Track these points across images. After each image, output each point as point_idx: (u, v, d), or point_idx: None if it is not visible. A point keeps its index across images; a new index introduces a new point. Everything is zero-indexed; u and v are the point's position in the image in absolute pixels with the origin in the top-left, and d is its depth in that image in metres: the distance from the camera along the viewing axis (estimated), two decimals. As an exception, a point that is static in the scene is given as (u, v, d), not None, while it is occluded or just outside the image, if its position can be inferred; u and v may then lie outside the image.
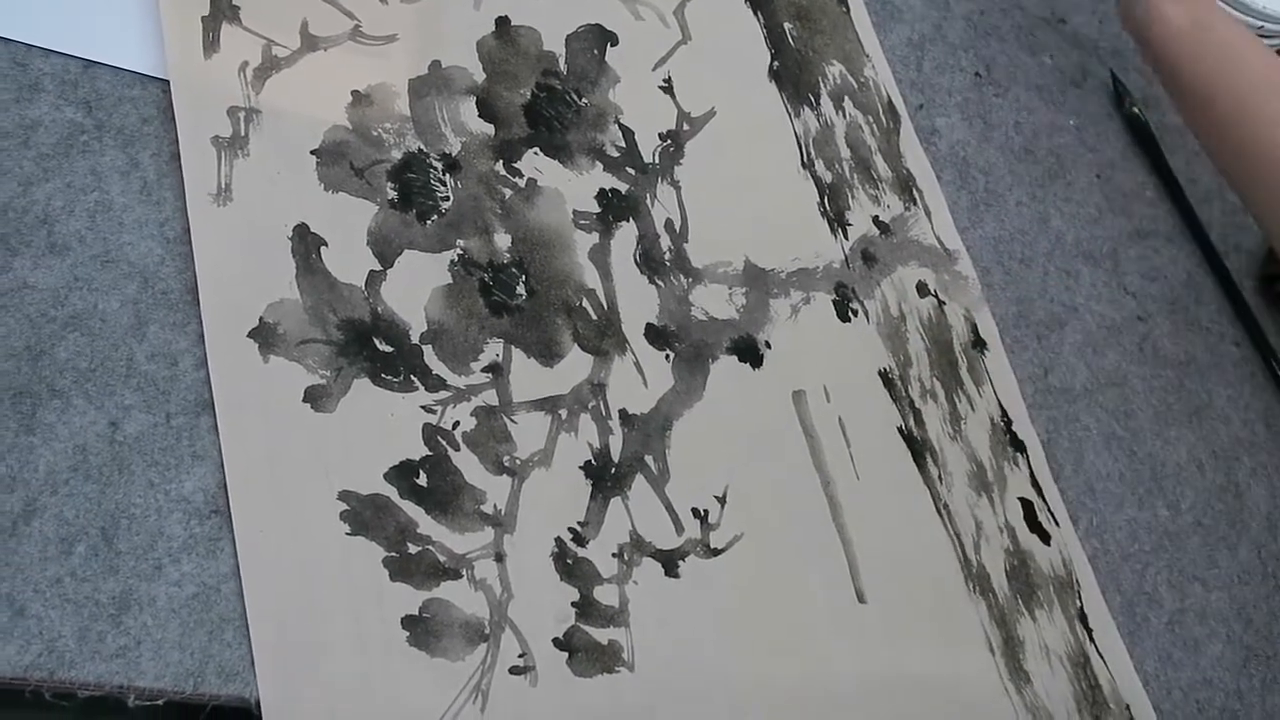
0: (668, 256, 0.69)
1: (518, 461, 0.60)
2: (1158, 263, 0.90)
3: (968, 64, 0.89)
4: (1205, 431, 0.85)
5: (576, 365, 0.64)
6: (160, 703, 0.50)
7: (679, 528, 0.63)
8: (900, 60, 0.85)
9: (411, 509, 0.57)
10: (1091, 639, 0.72)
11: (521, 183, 0.67)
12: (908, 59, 0.86)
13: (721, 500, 0.65)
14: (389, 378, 0.59)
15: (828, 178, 0.77)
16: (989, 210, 0.84)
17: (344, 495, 0.56)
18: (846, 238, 0.76)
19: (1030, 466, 0.77)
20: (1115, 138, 0.93)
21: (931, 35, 0.88)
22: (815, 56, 0.81)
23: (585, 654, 0.58)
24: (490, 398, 0.61)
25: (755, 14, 0.81)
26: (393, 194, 0.63)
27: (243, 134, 0.61)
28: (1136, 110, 0.94)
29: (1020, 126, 0.89)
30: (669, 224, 0.70)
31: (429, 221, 0.64)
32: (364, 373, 0.59)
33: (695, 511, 0.64)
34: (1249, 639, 0.81)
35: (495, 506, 0.59)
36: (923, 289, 0.77)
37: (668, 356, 0.67)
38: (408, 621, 0.55)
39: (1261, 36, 0.96)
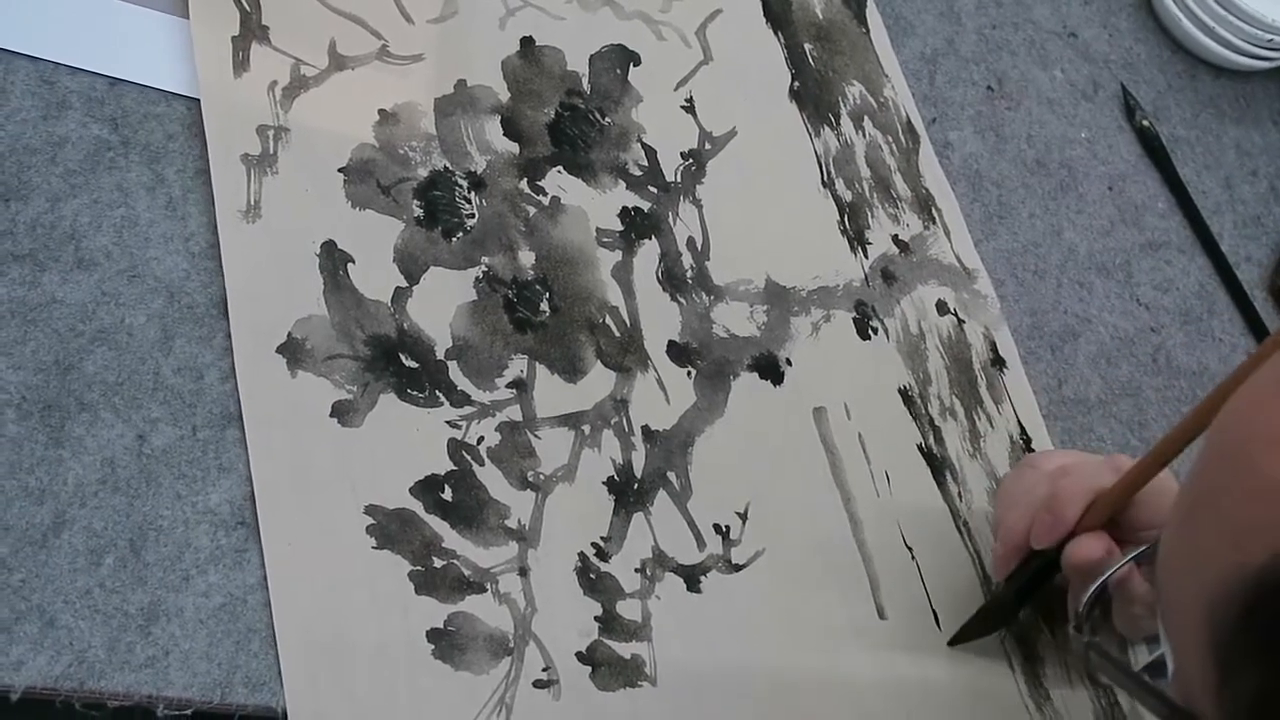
0: (689, 274, 0.70)
1: (541, 477, 0.61)
2: (1170, 274, 0.90)
3: (980, 77, 0.90)
4: (1219, 444, 0.85)
5: (599, 382, 0.64)
6: (189, 713, 0.50)
7: (701, 543, 0.63)
8: (913, 74, 0.86)
9: (436, 523, 0.57)
10: (1111, 657, 0.72)
11: (545, 201, 0.67)
12: (920, 73, 0.87)
13: (743, 516, 0.65)
14: (415, 393, 0.60)
15: (848, 197, 0.78)
16: (1002, 223, 0.84)
17: (370, 509, 0.56)
18: (866, 256, 0.76)
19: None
20: (1126, 150, 0.94)
21: (944, 49, 0.89)
22: (835, 77, 0.82)
23: (608, 668, 0.58)
24: (514, 413, 0.62)
25: (776, 35, 0.81)
26: (419, 211, 0.64)
27: (272, 152, 0.62)
28: (1147, 123, 0.94)
29: (1032, 139, 0.89)
30: (691, 242, 0.71)
31: (454, 239, 0.64)
32: (390, 388, 0.59)
33: (717, 527, 0.64)
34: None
35: (519, 521, 0.59)
36: (942, 307, 0.78)
37: (689, 373, 0.67)
38: (433, 634, 0.55)
39: (1268, 49, 0.97)
